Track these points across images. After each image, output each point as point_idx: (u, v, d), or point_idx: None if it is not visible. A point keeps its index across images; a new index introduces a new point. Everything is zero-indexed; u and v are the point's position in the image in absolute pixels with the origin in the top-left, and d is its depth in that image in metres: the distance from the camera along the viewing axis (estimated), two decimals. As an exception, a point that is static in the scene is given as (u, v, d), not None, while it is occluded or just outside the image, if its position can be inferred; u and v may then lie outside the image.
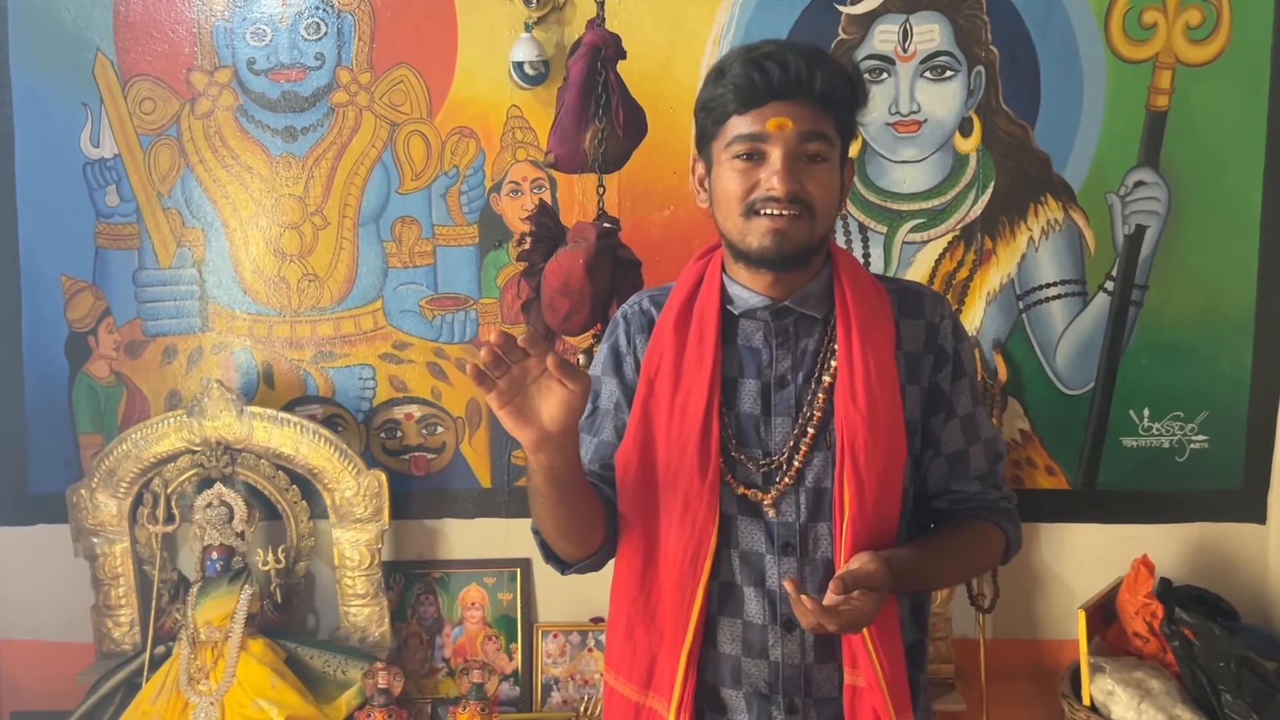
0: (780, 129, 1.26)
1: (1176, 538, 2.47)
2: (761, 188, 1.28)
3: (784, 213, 1.27)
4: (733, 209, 1.30)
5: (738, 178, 1.29)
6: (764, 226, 1.28)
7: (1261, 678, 2.11)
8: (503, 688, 2.53)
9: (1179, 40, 2.36)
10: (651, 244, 2.37)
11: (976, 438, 1.40)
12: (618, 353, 1.44)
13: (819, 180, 1.29)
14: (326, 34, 2.46)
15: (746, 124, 1.28)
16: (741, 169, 1.29)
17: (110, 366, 2.56)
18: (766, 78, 1.26)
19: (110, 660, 2.46)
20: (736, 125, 1.29)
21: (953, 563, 1.40)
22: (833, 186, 1.32)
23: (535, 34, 2.36)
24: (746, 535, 1.36)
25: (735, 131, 1.29)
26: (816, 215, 1.30)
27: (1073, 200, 2.41)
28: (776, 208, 1.27)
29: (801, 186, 1.27)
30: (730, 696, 1.38)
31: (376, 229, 2.51)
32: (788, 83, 1.26)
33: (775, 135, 1.27)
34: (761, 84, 1.26)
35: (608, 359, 1.45)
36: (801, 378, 1.36)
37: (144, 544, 2.50)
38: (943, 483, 1.40)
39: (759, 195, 1.28)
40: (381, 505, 2.44)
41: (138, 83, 2.48)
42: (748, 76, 1.27)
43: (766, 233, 1.28)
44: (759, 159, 1.28)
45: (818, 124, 1.28)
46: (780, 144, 1.27)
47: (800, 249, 1.30)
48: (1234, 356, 2.43)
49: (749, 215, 1.29)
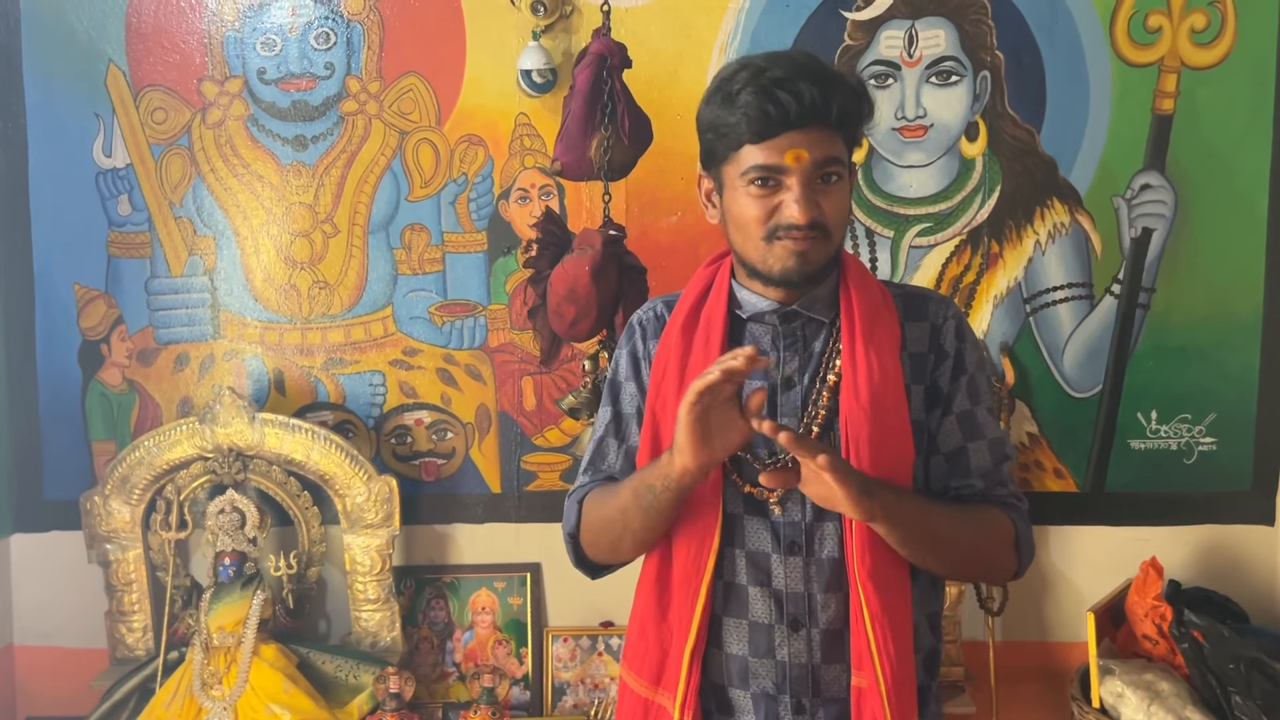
0: (798, 161, 1.28)
1: (1185, 540, 2.48)
2: (782, 215, 1.30)
3: (805, 239, 1.30)
4: (752, 233, 1.33)
5: (755, 204, 1.31)
6: (786, 250, 1.31)
7: (1271, 679, 2.11)
8: (513, 692, 2.54)
9: (1184, 44, 2.37)
10: (660, 250, 2.39)
11: (977, 435, 1.39)
12: (635, 357, 1.48)
13: (834, 200, 1.32)
14: (336, 43, 2.48)
15: (762, 155, 1.29)
16: (759, 195, 1.31)
17: (123, 374, 2.58)
18: (782, 109, 1.26)
19: (124, 666, 2.47)
20: (751, 155, 1.30)
21: (952, 523, 1.35)
22: (845, 205, 1.35)
23: (543, 42, 2.38)
24: (753, 535, 1.37)
25: (751, 161, 1.30)
26: (832, 234, 1.33)
27: (1079, 204, 2.42)
28: (798, 234, 1.30)
29: (820, 211, 1.30)
30: (738, 697, 1.39)
31: (386, 236, 2.53)
32: (803, 112, 1.27)
33: (793, 167, 1.28)
34: (777, 115, 1.27)
35: (627, 364, 1.48)
36: (807, 379, 1.38)
37: (157, 550, 2.52)
38: (943, 480, 1.40)
39: (779, 223, 1.30)
40: (392, 510, 2.46)
41: (149, 93, 2.51)
42: (761, 108, 1.27)
43: (789, 256, 1.31)
44: (776, 186, 1.30)
45: (831, 149, 1.30)
46: (799, 174, 1.29)
47: (820, 268, 1.34)
48: (1242, 358, 2.43)
49: (770, 240, 1.32)
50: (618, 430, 1.48)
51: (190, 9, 2.48)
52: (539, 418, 2.54)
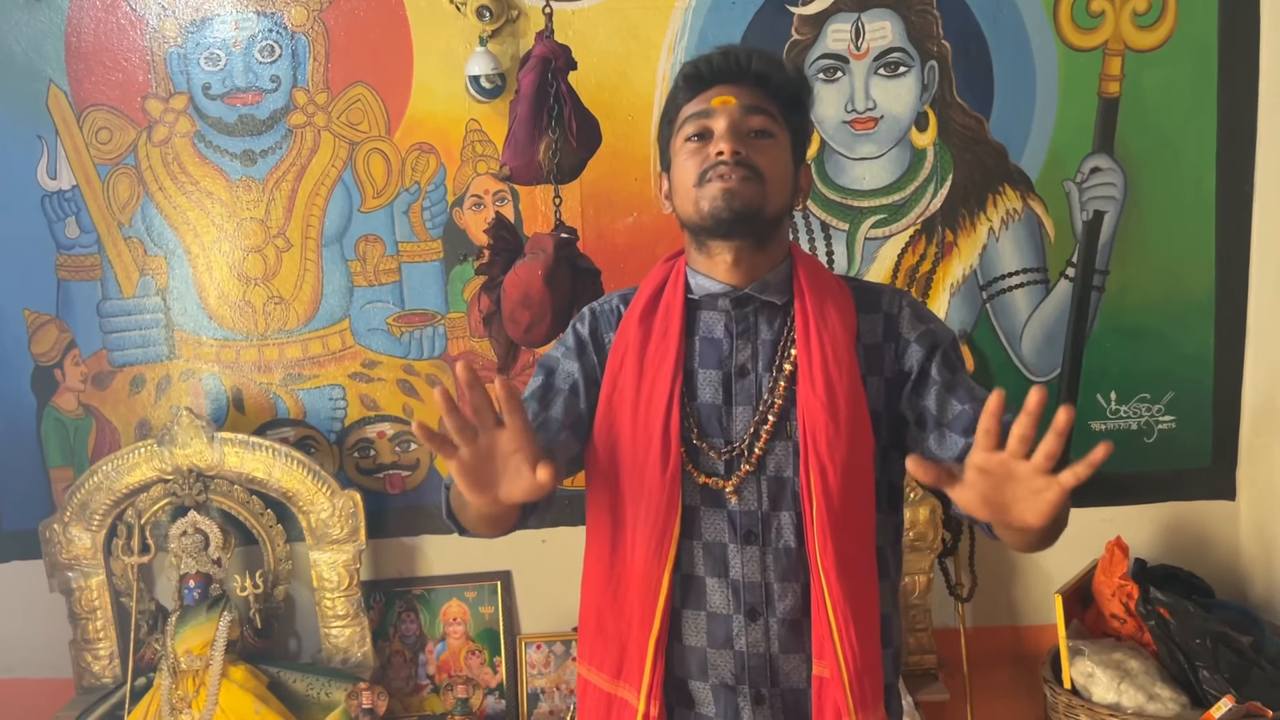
0: (724, 104, 1.35)
1: (1149, 518, 2.50)
2: (710, 157, 1.34)
3: (733, 174, 1.32)
4: (689, 187, 1.36)
5: (690, 159, 1.36)
6: (714, 189, 1.32)
7: (1237, 652, 2.14)
8: (488, 701, 2.53)
9: (1127, 27, 2.39)
10: (616, 251, 2.39)
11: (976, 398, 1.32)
12: (580, 339, 1.45)
13: (765, 152, 1.35)
14: (281, 56, 2.45)
15: (694, 105, 1.38)
16: (694, 149, 1.36)
17: (78, 399, 2.55)
18: (710, 64, 1.38)
19: (91, 695, 2.44)
20: (686, 110, 1.38)
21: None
22: (781, 162, 1.36)
23: (490, 47, 2.36)
24: (710, 525, 1.37)
25: (685, 115, 1.38)
26: (766, 182, 1.33)
27: (1030, 189, 2.44)
28: (724, 170, 1.32)
29: (747, 151, 1.33)
30: (698, 689, 1.39)
31: (340, 248, 2.50)
32: (727, 66, 1.37)
33: (719, 110, 1.35)
34: (705, 70, 1.38)
35: (572, 342, 1.46)
36: (761, 366, 1.37)
37: (120, 576, 2.48)
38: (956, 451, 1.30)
39: (708, 163, 1.34)
40: (358, 525, 2.44)
41: (93, 113, 2.47)
42: (694, 65, 1.39)
43: (718, 194, 1.32)
44: (708, 137, 1.35)
45: (759, 101, 1.36)
46: (724, 116, 1.35)
47: (752, 210, 1.32)
48: (1197, 337, 2.46)
49: (701, 184, 1.34)
50: (543, 398, 1.42)
51: (131, 26, 2.44)
52: (503, 425, 2.52)
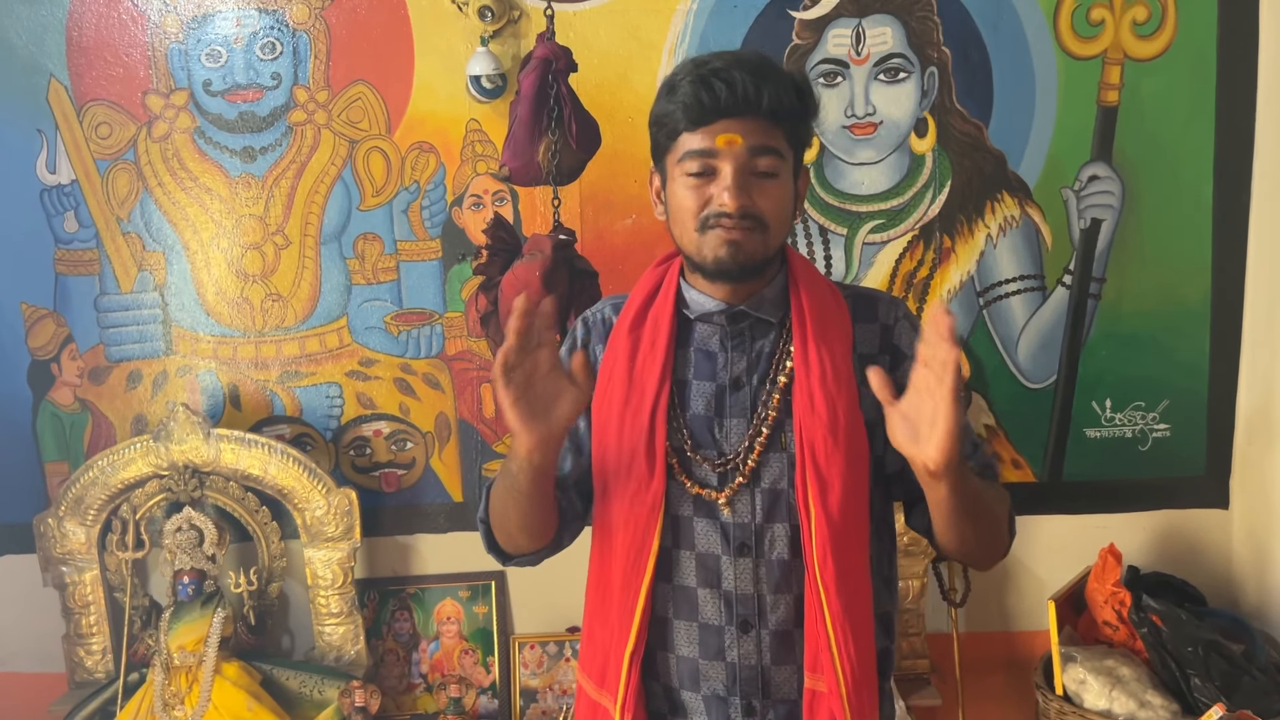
0: (730, 145, 1.28)
1: (1142, 525, 2.51)
2: (714, 203, 1.30)
3: (737, 228, 1.29)
4: (688, 224, 1.33)
5: (691, 194, 1.31)
6: (718, 239, 1.30)
7: (1229, 660, 2.14)
8: (481, 701, 2.53)
9: (1126, 36, 2.40)
10: (615, 253, 2.39)
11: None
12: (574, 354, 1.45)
13: (770, 196, 1.31)
14: (282, 53, 2.45)
15: (697, 140, 1.30)
16: (694, 185, 1.31)
17: (74, 393, 2.54)
18: (714, 96, 1.28)
19: (84, 690, 2.44)
20: (687, 141, 1.31)
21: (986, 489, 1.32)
22: (784, 201, 1.33)
23: (491, 47, 2.36)
24: (703, 537, 1.37)
25: (686, 148, 1.31)
26: (769, 228, 1.32)
27: (1028, 196, 2.44)
28: (729, 223, 1.29)
29: (752, 201, 1.29)
30: (689, 699, 1.39)
31: (339, 246, 2.50)
32: (735, 101, 1.28)
33: (725, 151, 1.29)
34: (709, 102, 1.28)
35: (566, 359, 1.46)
36: (756, 379, 1.37)
37: (114, 571, 2.48)
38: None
39: (711, 211, 1.30)
40: (353, 523, 2.44)
41: (93, 107, 2.47)
42: (695, 95, 1.28)
43: (721, 244, 1.30)
44: (710, 175, 1.30)
45: (768, 139, 1.30)
46: (730, 159, 1.29)
47: (755, 260, 1.33)
48: (1192, 345, 2.47)
49: (703, 230, 1.31)
50: None
51: (132, 21, 2.44)
52: (499, 425, 2.53)
